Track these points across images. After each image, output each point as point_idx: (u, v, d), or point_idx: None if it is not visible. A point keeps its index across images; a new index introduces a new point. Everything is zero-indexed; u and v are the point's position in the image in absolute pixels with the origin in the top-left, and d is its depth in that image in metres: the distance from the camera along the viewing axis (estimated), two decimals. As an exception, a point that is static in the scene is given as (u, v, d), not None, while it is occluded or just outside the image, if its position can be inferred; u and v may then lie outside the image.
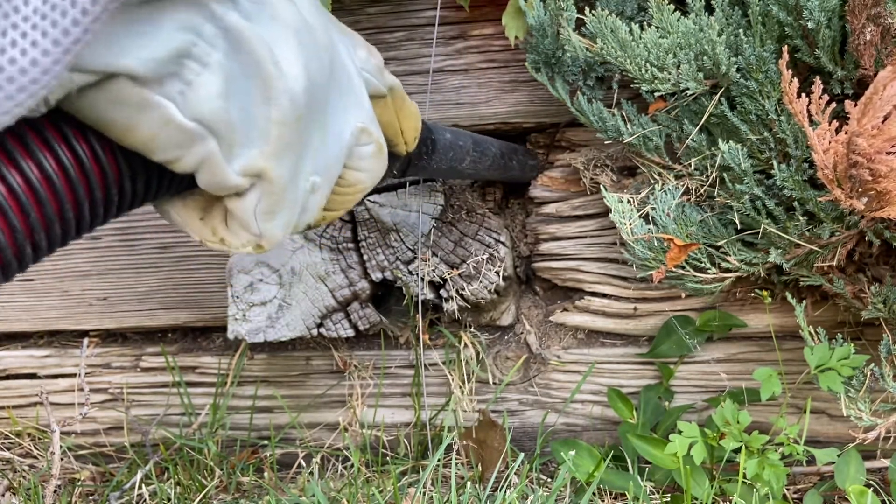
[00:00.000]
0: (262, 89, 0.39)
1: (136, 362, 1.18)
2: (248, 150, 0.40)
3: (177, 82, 0.35)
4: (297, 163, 0.44)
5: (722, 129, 0.89)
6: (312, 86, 0.42)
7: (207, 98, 0.36)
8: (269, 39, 0.39)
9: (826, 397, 0.99)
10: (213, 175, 0.39)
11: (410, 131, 0.62)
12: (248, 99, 0.39)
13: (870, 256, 0.89)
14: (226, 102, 0.37)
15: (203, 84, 0.36)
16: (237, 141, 0.39)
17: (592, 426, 1.09)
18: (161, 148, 0.36)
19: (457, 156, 0.76)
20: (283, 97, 0.40)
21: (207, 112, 0.36)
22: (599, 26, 0.84)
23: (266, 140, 0.40)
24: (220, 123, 0.37)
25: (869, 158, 0.61)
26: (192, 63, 0.36)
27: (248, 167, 0.40)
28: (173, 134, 0.36)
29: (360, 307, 1.01)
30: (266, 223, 0.43)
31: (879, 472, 0.98)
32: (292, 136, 0.42)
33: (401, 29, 1.01)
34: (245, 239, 0.44)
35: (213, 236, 0.44)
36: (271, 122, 0.40)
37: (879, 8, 0.75)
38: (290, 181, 0.43)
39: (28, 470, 1.14)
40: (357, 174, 0.52)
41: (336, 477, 1.09)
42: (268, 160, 0.41)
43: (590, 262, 1.04)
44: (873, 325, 0.93)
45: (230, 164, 0.39)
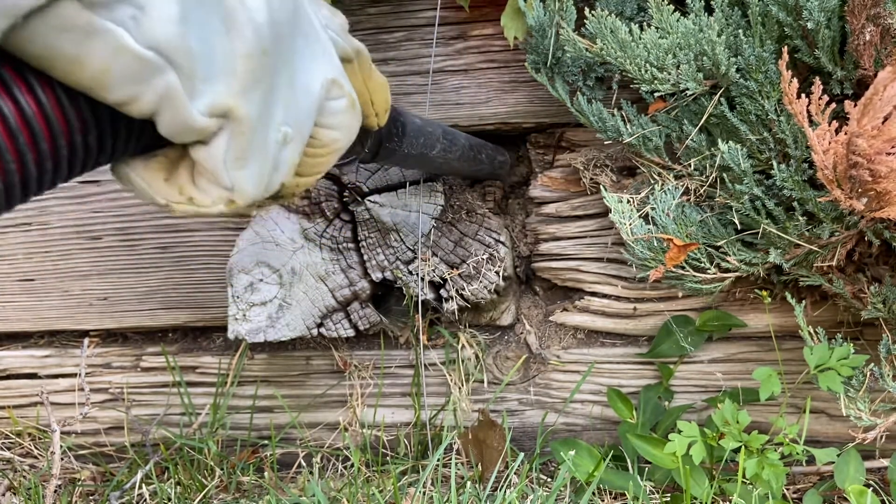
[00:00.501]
0: (223, 19, 0.37)
1: (137, 362, 1.18)
2: (212, 85, 0.37)
3: (128, 6, 0.32)
4: (265, 104, 0.41)
5: (722, 130, 0.89)
6: (276, 23, 0.40)
7: (162, 23, 0.34)
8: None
9: (825, 397, 0.99)
10: (176, 115, 0.36)
11: (381, 103, 0.59)
12: (208, 29, 0.36)
13: (869, 256, 0.89)
14: (183, 28, 0.35)
15: (157, 7, 0.33)
16: (199, 74, 0.36)
17: (592, 426, 1.09)
18: (115, 83, 0.33)
19: (427, 142, 0.75)
20: (246, 28, 0.38)
21: (163, 38, 0.34)
22: (599, 26, 0.84)
23: (231, 74, 0.38)
24: (180, 52, 0.35)
25: (869, 159, 0.61)
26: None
27: (215, 105, 0.37)
28: (127, 64, 0.33)
29: (360, 307, 1.01)
30: (237, 171, 0.40)
31: (879, 472, 0.98)
32: (259, 71, 0.39)
33: (401, 29, 1.01)
34: (216, 194, 0.41)
35: (180, 196, 0.41)
36: (236, 54, 0.38)
37: (879, 8, 0.76)
38: (259, 122, 0.40)
39: (28, 470, 1.14)
40: (330, 133, 0.49)
41: (336, 477, 1.09)
42: (235, 97, 0.38)
43: (589, 262, 1.05)
44: (873, 325, 0.93)
45: (193, 101, 0.36)
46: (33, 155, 0.32)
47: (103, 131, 0.36)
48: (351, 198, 1.00)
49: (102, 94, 0.34)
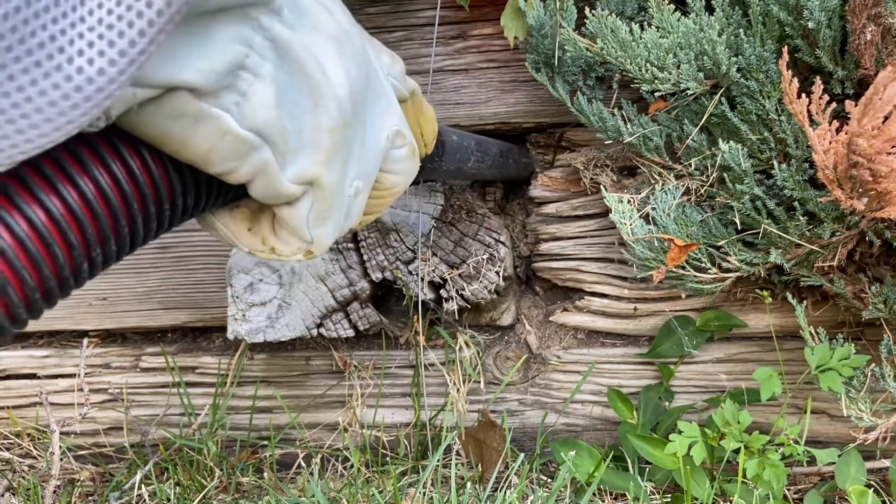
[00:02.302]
0: (311, 97, 0.40)
1: (136, 362, 1.18)
2: (300, 157, 0.40)
3: (232, 94, 0.35)
4: (343, 169, 0.44)
5: (722, 129, 0.89)
6: (354, 92, 0.43)
7: (262, 108, 0.37)
8: (311, 46, 0.40)
9: (826, 397, 0.99)
10: (268, 184, 0.39)
11: (429, 134, 0.63)
12: (297, 107, 0.39)
13: (870, 256, 0.89)
14: (279, 111, 0.38)
15: (257, 94, 0.36)
16: (290, 149, 0.39)
17: (592, 426, 1.09)
18: (218, 160, 0.37)
19: (463, 156, 0.77)
20: (331, 104, 0.41)
21: (262, 122, 0.37)
22: (599, 26, 0.84)
23: (317, 147, 0.41)
24: (275, 132, 0.38)
25: (869, 159, 0.61)
26: (246, 74, 0.36)
27: (301, 175, 0.41)
28: (230, 145, 0.36)
29: (359, 307, 1.01)
30: (317, 229, 0.44)
31: (880, 473, 0.98)
32: (341, 142, 0.42)
33: (401, 29, 1.01)
34: (296, 246, 0.45)
35: (262, 245, 0.45)
36: (321, 129, 0.41)
37: (880, 8, 0.75)
38: (339, 186, 0.44)
39: (28, 470, 1.14)
40: (392, 177, 0.53)
41: (336, 477, 1.09)
42: (320, 167, 0.41)
43: (590, 262, 1.04)
44: (874, 326, 0.93)
45: (283, 172, 0.40)
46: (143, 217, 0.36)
47: (200, 193, 0.39)
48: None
49: (206, 167, 0.37)
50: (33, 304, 0.33)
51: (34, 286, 0.32)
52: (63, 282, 0.33)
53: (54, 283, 0.32)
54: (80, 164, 0.32)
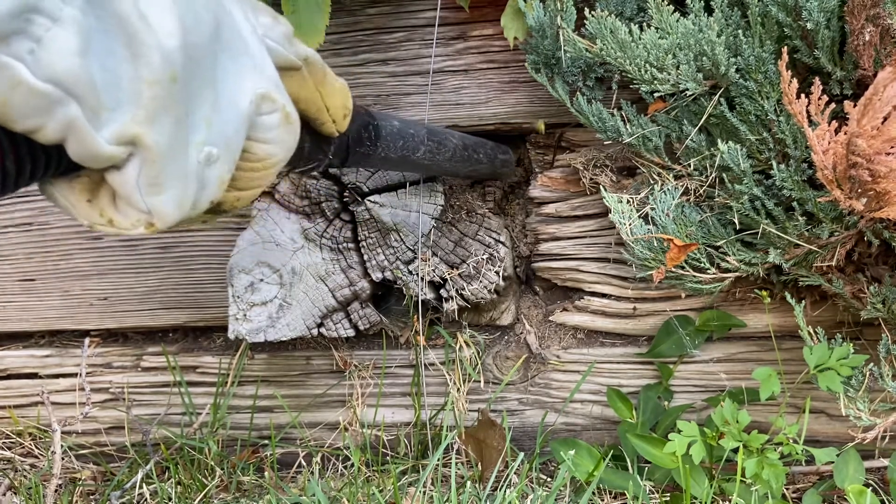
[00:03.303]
0: (128, 46, 0.36)
1: (137, 362, 1.18)
2: (117, 114, 0.36)
3: (24, 40, 0.32)
4: (179, 129, 0.40)
5: (721, 130, 0.89)
6: (190, 44, 0.39)
7: (61, 56, 0.33)
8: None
9: (825, 397, 0.99)
10: (81, 144, 0.36)
11: (338, 109, 0.57)
12: (112, 57, 0.35)
13: (869, 256, 0.89)
14: (84, 60, 0.34)
15: (55, 40, 0.33)
16: (103, 104, 0.36)
17: (592, 426, 1.09)
18: (17, 115, 0.33)
19: (408, 144, 0.73)
20: (152, 53, 0.36)
21: (63, 71, 0.33)
22: (599, 27, 0.85)
23: (136, 102, 0.37)
24: (80, 84, 0.34)
25: (868, 159, 0.61)
26: (40, 18, 0.32)
27: (120, 133, 0.37)
28: (26, 98, 0.33)
29: (360, 307, 1.01)
30: (152, 197, 0.40)
31: (878, 472, 0.98)
32: (167, 97, 0.38)
33: (401, 29, 1.01)
34: (134, 217, 0.41)
35: (100, 218, 0.41)
36: (141, 81, 0.37)
37: (878, 9, 0.76)
38: (171, 149, 0.40)
39: (29, 469, 1.14)
40: (265, 146, 0.48)
41: (336, 476, 1.09)
42: (140, 125, 0.37)
43: (589, 262, 1.05)
44: (872, 325, 0.93)
45: (99, 130, 0.36)
46: None
47: (21, 156, 0.36)
48: (351, 198, 1.00)
49: (7, 124, 0.34)
50: None
51: None
52: None
53: None
54: None
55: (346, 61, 1.02)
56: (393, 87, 1.02)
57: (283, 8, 0.85)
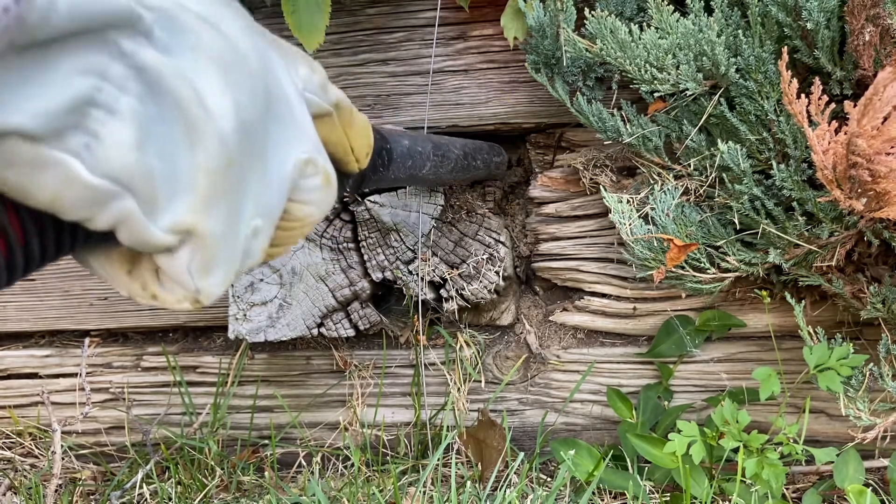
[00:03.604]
0: (186, 132, 0.35)
1: (137, 362, 1.18)
2: (173, 203, 0.35)
3: (80, 135, 0.30)
4: (233, 211, 0.39)
5: (721, 130, 0.89)
6: (245, 123, 0.37)
7: (119, 151, 0.32)
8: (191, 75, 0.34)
9: (825, 397, 0.99)
10: (134, 234, 0.34)
11: (362, 148, 0.57)
12: (170, 145, 0.34)
13: (868, 256, 0.89)
14: (141, 153, 0.33)
15: (112, 134, 0.31)
16: (159, 195, 0.34)
17: (592, 425, 1.09)
18: (69, 209, 0.32)
19: (416, 163, 0.74)
20: (210, 141, 0.35)
21: (120, 167, 0.32)
22: (599, 27, 0.85)
23: (193, 191, 0.35)
24: (136, 178, 0.33)
25: (868, 159, 0.61)
26: (96, 111, 0.31)
27: (176, 224, 0.35)
28: (81, 193, 0.31)
29: (360, 307, 1.01)
30: (203, 280, 0.38)
31: (878, 472, 0.98)
32: (223, 183, 0.37)
33: (401, 29, 1.01)
34: (181, 294, 0.39)
35: (143, 291, 0.40)
36: (199, 169, 0.35)
37: (878, 9, 0.76)
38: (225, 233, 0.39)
39: (29, 469, 1.14)
40: (304, 208, 0.47)
41: (336, 476, 1.09)
42: (197, 214, 0.36)
43: (589, 262, 1.05)
44: (872, 325, 0.93)
45: (154, 221, 0.35)
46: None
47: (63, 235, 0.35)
48: (351, 198, 1.00)
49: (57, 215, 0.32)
50: None
51: None
52: None
53: None
54: None
55: (346, 61, 1.02)
56: (393, 87, 1.02)
57: (282, 8, 0.85)
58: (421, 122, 0.97)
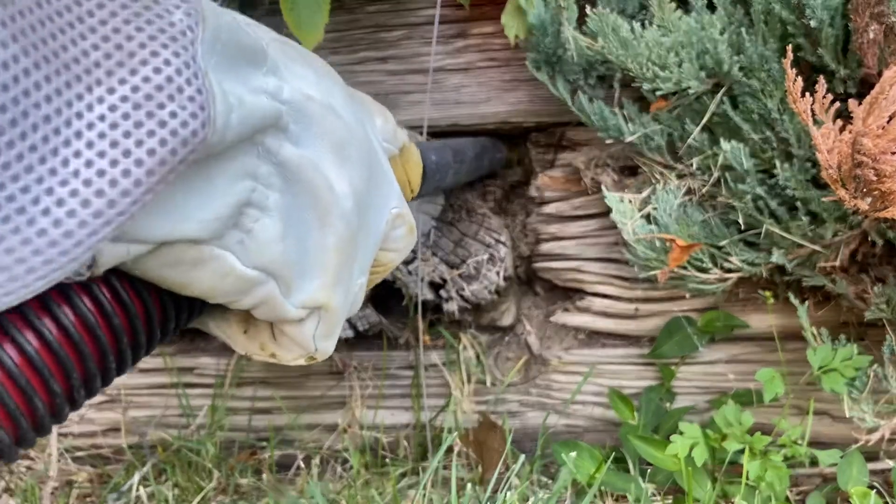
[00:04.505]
0: (318, 218, 0.37)
1: (134, 363, 1.17)
2: (306, 282, 0.38)
3: (236, 232, 0.33)
4: (349, 276, 0.41)
5: (724, 129, 0.88)
6: (359, 196, 0.40)
7: (268, 244, 0.34)
8: (319, 163, 0.36)
9: (829, 398, 0.98)
10: (272, 312, 0.37)
11: (416, 178, 0.60)
12: (303, 230, 0.36)
13: (873, 257, 0.89)
14: (285, 244, 0.35)
15: (264, 230, 0.34)
16: (295, 276, 0.37)
17: (594, 427, 1.08)
18: (219, 296, 0.34)
19: (442, 176, 0.75)
20: (338, 222, 0.38)
21: (268, 259, 0.34)
22: (600, 25, 0.84)
23: (324, 270, 0.38)
24: (281, 266, 0.35)
25: (874, 158, 0.61)
26: (251, 210, 0.33)
27: (308, 301, 0.38)
28: (233, 283, 0.34)
29: (359, 307, 1.00)
30: (324, 342, 0.42)
31: (882, 474, 0.97)
32: (347, 258, 0.39)
33: (400, 27, 1.00)
34: (298, 353, 0.42)
35: (261, 351, 0.42)
36: (329, 250, 0.38)
37: (883, 6, 0.75)
38: (345, 301, 0.42)
39: (25, 471, 1.13)
40: (390, 255, 0.50)
41: (335, 479, 1.09)
42: (328, 291, 0.39)
43: (591, 263, 1.04)
44: (876, 326, 0.93)
45: (289, 299, 0.37)
46: (131, 346, 0.33)
47: (193, 310, 0.38)
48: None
49: (206, 299, 0.35)
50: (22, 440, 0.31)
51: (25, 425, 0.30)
52: (40, 424, 0.31)
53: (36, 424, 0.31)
54: (67, 299, 0.30)
55: (345, 59, 1.01)
56: (392, 86, 1.01)
57: (280, 5, 0.84)
58: (421, 120, 0.97)
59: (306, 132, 0.36)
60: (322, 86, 0.38)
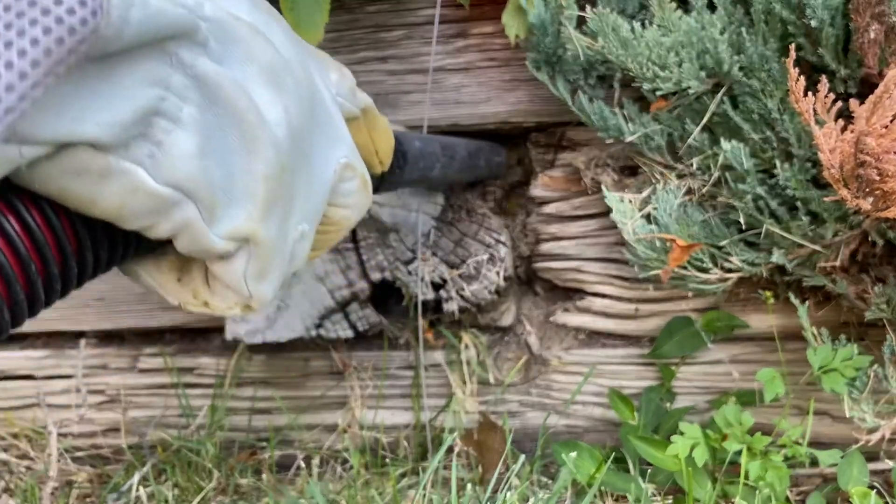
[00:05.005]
0: (244, 142, 0.35)
1: (134, 363, 1.17)
2: (232, 210, 0.36)
3: (145, 144, 0.31)
4: (284, 217, 0.40)
5: (724, 129, 0.88)
6: (294, 130, 0.38)
7: (182, 159, 0.32)
8: (246, 84, 0.35)
9: (829, 399, 0.98)
10: (194, 242, 0.35)
11: (386, 150, 0.58)
12: (227, 154, 0.35)
13: (873, 257, 0.89)
14: (203, 161, 0.33)
15: (176, 143, 0.32)
16: (219, 202, 0.35)
17: (594, 427, 1.08)
18: (131, 217, 0.32)
19: (427, 164, 0.74)
20: (267, 149, 0.36)
21: (183, 175, 0.33)
22: (601, 24, 0.84)
23: (252, 199, 0.36)
24: (198, 186, 0.33)
25: (877, 158, 0.60)
26: (161, 121, 0.31)
27: (234, 231, 0.36)
28: (144, 201, 0.32)
29: (359, 308, 1.00)
30: (258, 285, 0.39)
31: (882, 474, 0.97)
32: (278, 189, 0.38)
33: (400, 27, 1.00)
34: (233, 301, 0.40)
35: (194, 299, 0.41)
36: (256, 177, 0.36)
37: (883, 6, 0.75)
38: (278, 238, 0.39)
39: (25, 472, 1.13)
40: (342, 211, 0.48)
41: (335, 479, 1.09)
42: (255, 222, 0.37)
43: (591, 263, 1.04)
44: (877, 326, 0.93)
45: (212, 228, 0.35)
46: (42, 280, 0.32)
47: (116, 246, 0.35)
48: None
49: (118, 224, 0.33)
50: None
51: None
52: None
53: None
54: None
55: (345, 59, 1.01)
56: (392, 86, 1.01)
57: (280, 5, 0.84)
58: (421, 120, 0.96)
59: (231, 52, 0.34)
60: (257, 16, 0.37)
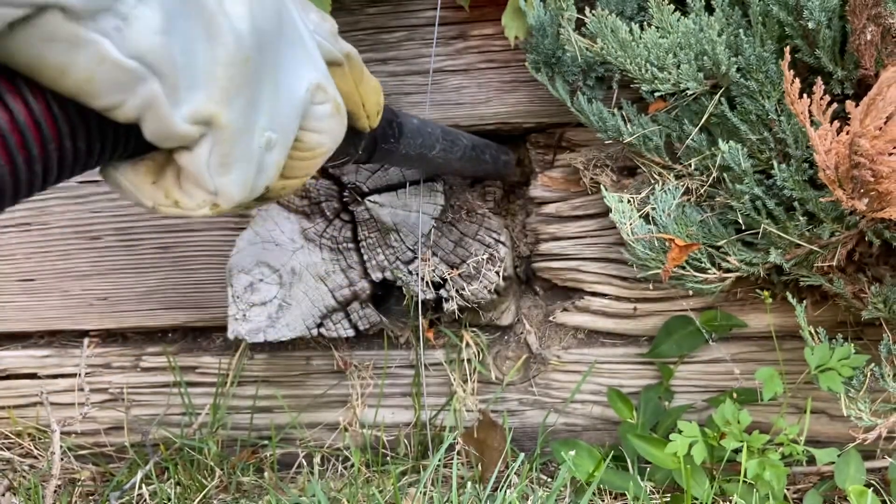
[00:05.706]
0: (205, 27, 0.38)
1: (137, 362, 1.18)
2: (194, 93, 0.38)
3: (112, 17, 0.33)
4: (249, 111, 0.42)
5: (722, 129, 0.89)
6: (259, 31, 0.41)
7: (146, 33, 0.34)
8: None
9: (826, 397, 0.99)
10: (159, 122, 0.37)
11: (372, 105, 0.60)
12: (190, 39, 0.37)
13: (870, 256, 0.89)
14: (167, 38, 0.35)
15: (140, 18, 0.34)
16: (182, 83, 0.37)
17: (593, 426, 1.09)
18: (100, 91, 0.34)
19: (426, 142, 0.75)
20: (227, 36, 0.38)
21: (147, 49, 0.35)
22: (599, 26, 0.84)
23: (213, 82, 0.39)
24: (162, 62, 0.35)
25: (871, 159, 0.61)
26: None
27: (196, 113, 0.38)
28: (111, 73, 0.34)
29: (360, 307, 1.01)
30: (220, 177, 0.42)
31: (879, 472, 0.98)
32: (241, 78, 0.40)
33: (401, 29, 1.01)
34: (200, 198, 0.42)
35: (166, 199, 0.42)
36: (217, 62, 0.38)
37: (880, 8, 0.75)
38: (242, 129, 0.41)
39: (28, 470, 1.14)
40: (315, 136, 0.50)
41: (336, 477, 1.09)
42: (216, 104, 0.39)
43: (590, 262, 1.04)
44: (873, 325, 0.93)
45: (176, 109, 0.37)
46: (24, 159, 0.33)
47: (92, 136, 0.37)
48: (351, 198, 1.00)
49: (88, 100, 0.35)
50: None
51: None
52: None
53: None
54: None
55: (346, 61, 1.02)
56: (393, 87, 1.02)
57: (282, 7, 0.84)
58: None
59: None
60: None
